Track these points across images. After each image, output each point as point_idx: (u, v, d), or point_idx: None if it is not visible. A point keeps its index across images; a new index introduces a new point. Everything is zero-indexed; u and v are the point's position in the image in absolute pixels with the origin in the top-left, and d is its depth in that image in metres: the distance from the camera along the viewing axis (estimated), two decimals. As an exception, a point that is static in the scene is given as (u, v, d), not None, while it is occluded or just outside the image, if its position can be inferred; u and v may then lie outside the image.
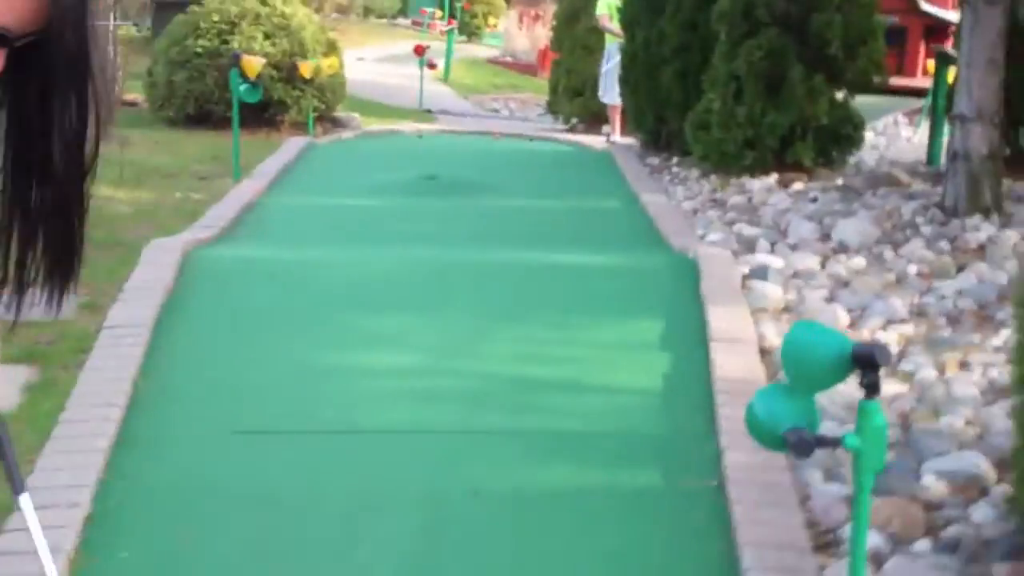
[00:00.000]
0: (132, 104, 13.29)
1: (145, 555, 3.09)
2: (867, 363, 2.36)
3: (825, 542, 3.17)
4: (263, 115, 11.84)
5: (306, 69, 11.41)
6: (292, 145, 10.64)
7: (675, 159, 9.28)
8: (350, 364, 4.56)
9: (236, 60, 8.77)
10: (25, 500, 1.75)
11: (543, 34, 20.30)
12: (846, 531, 3.00)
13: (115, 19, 12.76)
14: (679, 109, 8.84)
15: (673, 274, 5.76)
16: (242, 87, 8.66)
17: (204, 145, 10.91)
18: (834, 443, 2.51)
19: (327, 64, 11.79)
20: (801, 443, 2.37)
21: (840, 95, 8.32)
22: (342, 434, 3.90)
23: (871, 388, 2.41)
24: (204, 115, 11.81)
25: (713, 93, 8.16)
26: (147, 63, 12.97)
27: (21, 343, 4.73)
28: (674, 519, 3.39)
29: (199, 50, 11.69)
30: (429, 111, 15.52)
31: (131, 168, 9.62)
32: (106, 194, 8.27)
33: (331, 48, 12.35)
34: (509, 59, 22.30)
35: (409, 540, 3.22)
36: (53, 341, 4.79)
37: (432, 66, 16.72)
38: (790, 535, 3.19)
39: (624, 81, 10.01)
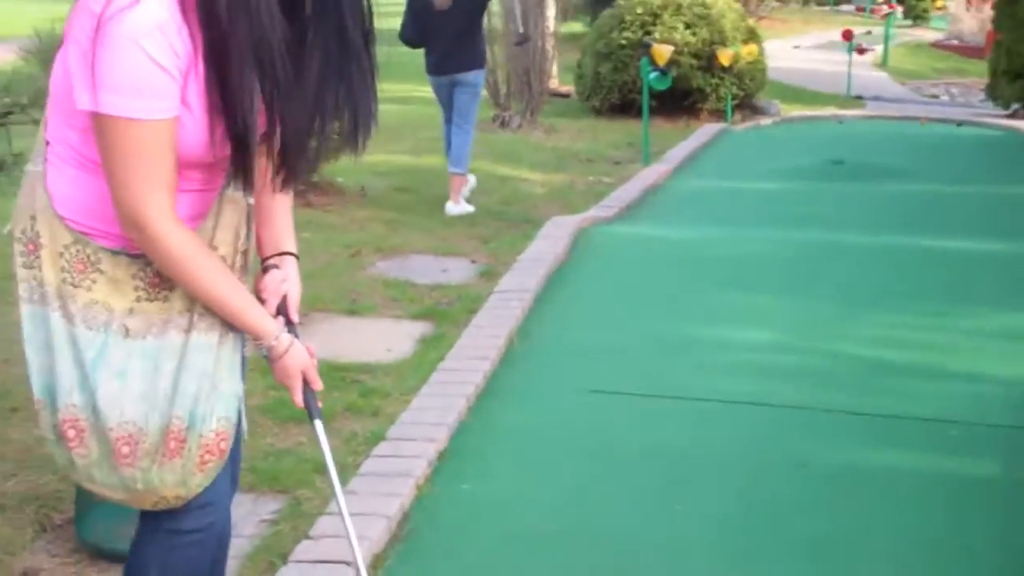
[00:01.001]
0: (564, 95, 14.13)
1: (483, 489, 3.44)
2: None
3: None
4: (683, 103, 12.19)
5: (725, 57, 11.58)
6: (705, 131, 10.88)
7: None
8: (705, 337, 4.72)
9: (646, 48, 9.15)
10: (318, 425, 2.10)
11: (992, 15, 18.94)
12: None
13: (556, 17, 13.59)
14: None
15: (1079, 266, 5.37)
16: (651, 75, 9.01)
17: (623, 132, 11.43)
18: None
19: (746, 51, 11.89)
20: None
21: None
22: (684, 400, 4.08)
23: None
24: (627, 104, 12.35)
25: None
26: (578, 56, 13.76)
27: (426, 303, 5.38)
28: (1006, 508, 3.26)
29: (623, 42, 12.23)
30: (859, 97, 15.10)
31: (553, 153, 10.34)
32: (526, 176, 8.99)
33: (751, 35, 12.42)
34: (955, 42, 21.09)
35: (724, 502, 3.34)
36: (451, 302, 5.39)
37: (861, 51, 16.22)
38: None
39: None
